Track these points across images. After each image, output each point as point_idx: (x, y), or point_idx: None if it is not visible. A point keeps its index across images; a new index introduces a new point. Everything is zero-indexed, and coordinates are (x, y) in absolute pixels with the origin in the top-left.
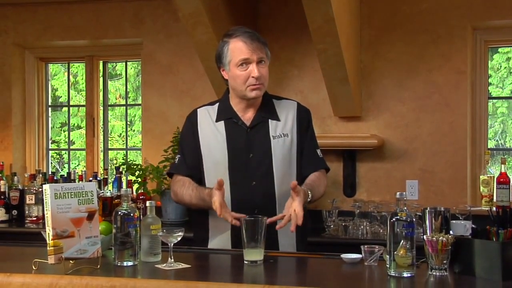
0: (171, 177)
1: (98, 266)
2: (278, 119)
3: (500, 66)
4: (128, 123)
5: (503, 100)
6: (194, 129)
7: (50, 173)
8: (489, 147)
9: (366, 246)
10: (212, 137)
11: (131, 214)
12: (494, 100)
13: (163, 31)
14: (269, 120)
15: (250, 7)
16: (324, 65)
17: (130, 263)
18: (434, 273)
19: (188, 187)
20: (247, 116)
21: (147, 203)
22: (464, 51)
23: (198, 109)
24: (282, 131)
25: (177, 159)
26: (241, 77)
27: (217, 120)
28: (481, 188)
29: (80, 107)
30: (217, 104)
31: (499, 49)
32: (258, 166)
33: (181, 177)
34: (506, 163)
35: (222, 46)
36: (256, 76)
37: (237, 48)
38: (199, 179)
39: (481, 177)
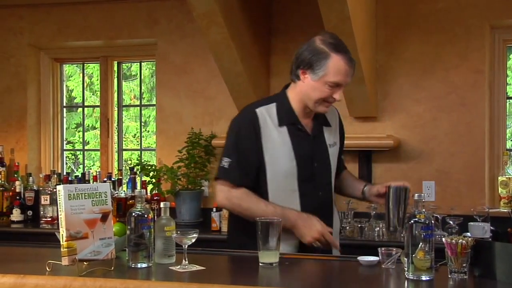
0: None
1: (112, 267)
2: (329, 125)
3: None
4: (143, 123)
5: None
6: (257, 132)
7: (65, 173)
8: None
9: (383, 249)
10: (279, 143)
11: (145, 215)
12: (511, 100)
13: (177, 32)
14: (323, 127)
15: (265, 6)
16: None
17: (144, 265)
18: (453, 277)
19: (259, 200)
20: (306, 122)
21: (161, 204)
22: (482, 50)
23: (256, 110)
24: (334, 139)
25: (228, 163)
26: (324, 93)
27: (280, 125)
28: (500, 189)
29: (95, 108)
30: (273, 105)
31: None
32: (322, 175)
33: (239, 186)
34: None
35: (319, 52)
36: (337, 100)
37: (337, 68)
38: (251, 187)
39: (499, 178)
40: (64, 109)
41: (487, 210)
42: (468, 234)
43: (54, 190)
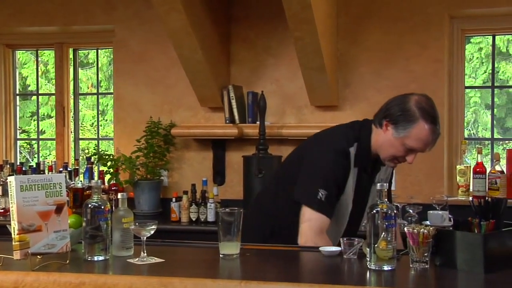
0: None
1: (67, 261)
2: (384, 165)
3: (473, 56)
4: (100, 112)
5: (476, 89)
6: (346, 173)
7: (18, 163)
8: None
9: (345, 239)
10: (350, 186)
11: (102, 207)
12: (467, 90)
13: (136, 18)
14: (381, 166)
15: None
16: (300, 53)
17: (100, 258)
18: (415, 266)
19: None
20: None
21: (119, 195)
22: (441, 40)
23: (350, 150)
24: (382, 176)
25: (325, 196)
26: (398, 152)
27: (354, 166)
28: (458, 178)
29: (51, 96)
30: (356, 145)
31: (472, 39)
32: (359, 220)
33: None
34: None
35: (409, 114)
36: (408, 163)
37: (419, 135)
38: None
39: (457, 167)
40: (18, 97)
41: (445, 198)
42: (427, 222)
43: (7, 180)
